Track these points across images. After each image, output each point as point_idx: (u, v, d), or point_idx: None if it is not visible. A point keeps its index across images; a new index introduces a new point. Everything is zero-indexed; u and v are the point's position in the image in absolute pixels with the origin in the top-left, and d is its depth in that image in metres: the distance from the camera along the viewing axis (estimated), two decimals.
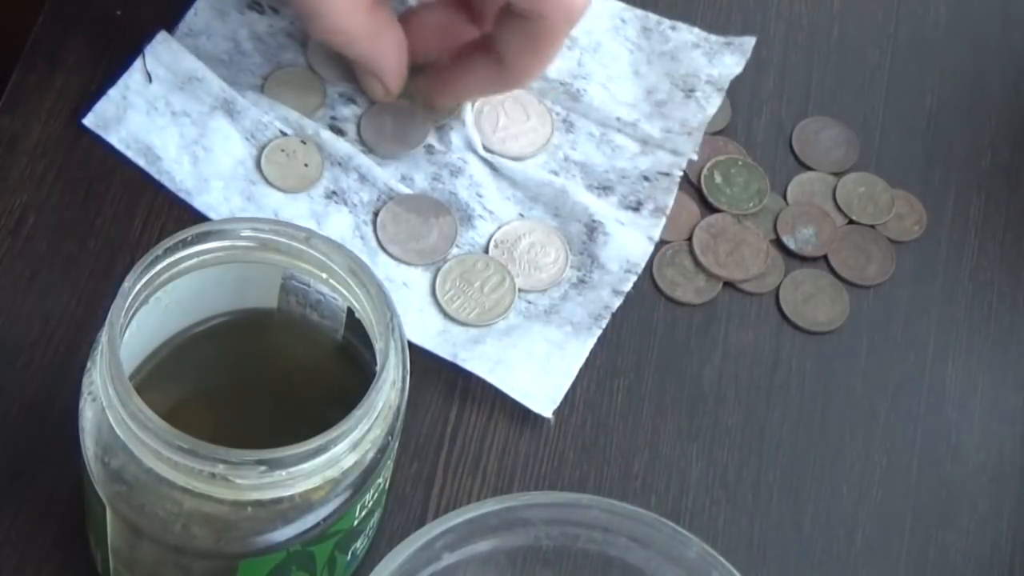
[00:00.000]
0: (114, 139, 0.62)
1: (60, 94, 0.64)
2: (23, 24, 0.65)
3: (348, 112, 0.65)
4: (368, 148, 0.64)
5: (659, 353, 0.62)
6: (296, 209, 0.62)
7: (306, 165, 0.63)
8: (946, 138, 0.69)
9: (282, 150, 0.63)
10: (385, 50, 0.62)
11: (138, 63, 0.63)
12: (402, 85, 0.64)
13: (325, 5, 0.60)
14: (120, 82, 0.63)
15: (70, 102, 0.63)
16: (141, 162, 0.62)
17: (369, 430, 0.49)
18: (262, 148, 0.63)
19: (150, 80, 0.63)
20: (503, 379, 0.60)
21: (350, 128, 0.65)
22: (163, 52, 0.64)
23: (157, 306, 0.51)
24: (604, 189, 0.65)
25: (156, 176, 0.62)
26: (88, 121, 0.63)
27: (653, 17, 0.69)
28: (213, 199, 0.62)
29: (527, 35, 0.60)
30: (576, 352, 0.61)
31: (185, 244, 0.50)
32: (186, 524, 0.48)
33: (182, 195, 0.62)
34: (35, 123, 0.63)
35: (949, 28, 0.72)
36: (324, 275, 0.52)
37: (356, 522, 0.51)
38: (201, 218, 0.61)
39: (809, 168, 0.67)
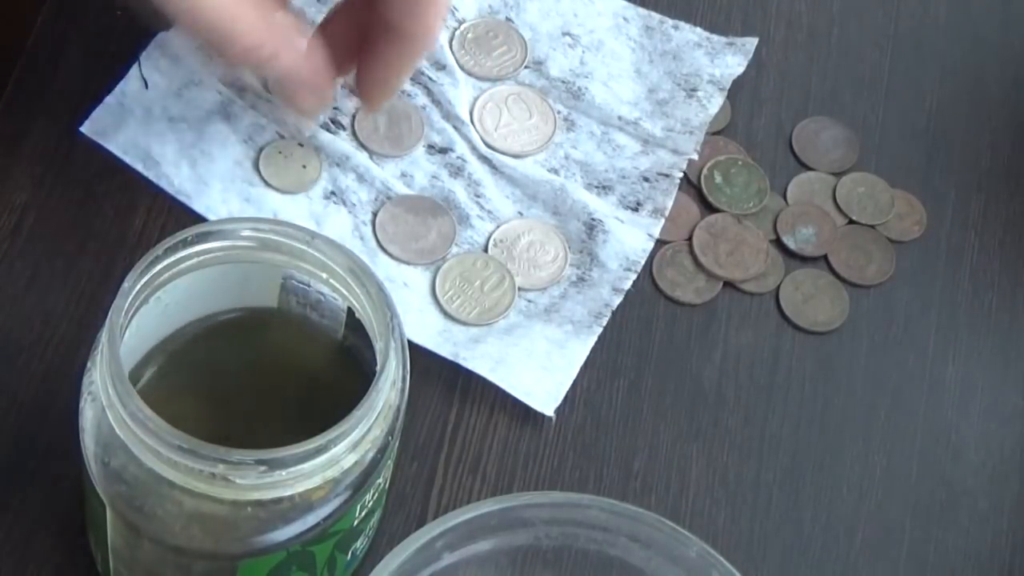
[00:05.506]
0: (112, 146, 0.62)
1: (60, 94, 0.64)
2: (23, 24, 0.65)
3: (350, 104, 0.65)
4: (363, 146, 0.64)
5: (659, 353, 0.62)
6: (295, 210, 0.62)
7: (304, 166, 0.63)
8: (946, 138, 0.69)
9: (280, 152, 0.63)
10: (308, 54, 0.59)
11: (134, 70, 0.63)
12: (332, 90, 0.61)
13: (240, 22, 0.56)
14: (116, 89, 0.63)
15: (71, 102, 0.63)
16: (139, 167, 0.62)
17: (369, 430, 0.49)
18: (260, 150, 0.63)
19: (146, 86, 0.63)
20: (505, 378, 0.60)
21: (349, 122, 0.65)
22: (159, 58, 0.64)
23: (157, 306, 0.51)
24: (603, 189, 0.65)
25: (155, 180, 0.62)
26: (86, 129, 0.62)
27: (656, 16, 0.69)
28: (212, 202, 0.62)
29: None
30: (577, 350, 0.61)
31: (185, 244, 0.50)
32: (186, 524, 0.48)
33: (181, 198, 0.62)
34: (35, 123, 0.63)
35: (949, 28, 0.72)
36: (324, 275, 0.52)
37: (356, 522, 0.51)
38: (201, 218, 0.61)
39: (809, 168, 0.67)
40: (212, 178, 0.62)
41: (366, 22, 0.60)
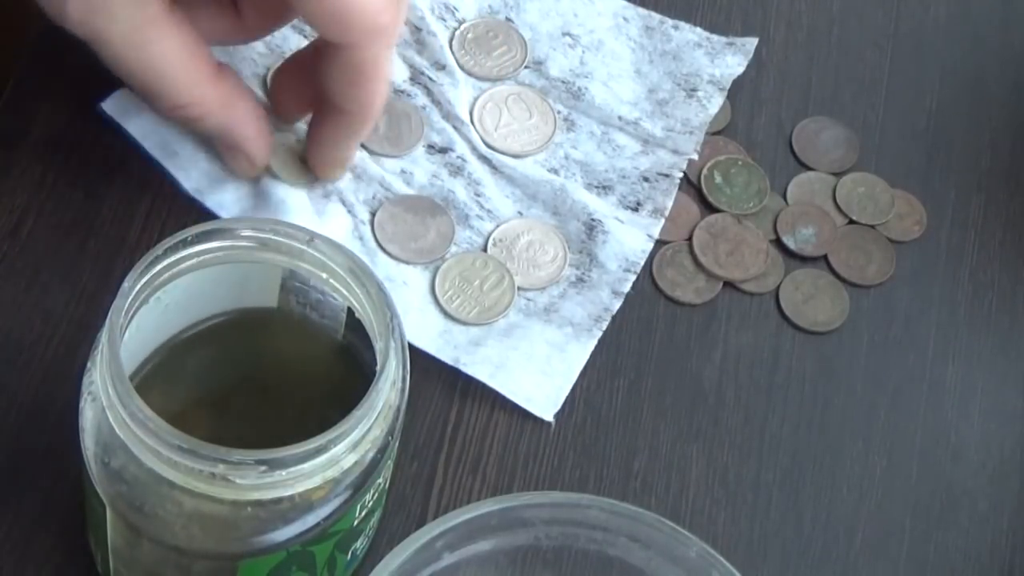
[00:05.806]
0: (132, 128, 0.62)
1: (62, 93, 0.64)
2: (24, 24, 0.65)
3: None
4: (363, 146, 0.64)
5: (659, 353, 0.62)
6: (301, 207, 0.62)
7: (306, 163, 0.63)
8: (946, 138, 0.69)
9: (282, 144, 0.63)
10: (241, 118, 0.59)
11: None
12: (267, 155, 0.61)
13: (167, 79, 0.57)
14: None
15: (71, 101, 0.63)
16: (157, 155, 0.62)
17: (369, 430, 0.49)
18: None
19: None
20: (504, 383, 0.60)
21: None
22: None
23: (157, 306, 0.51)
24: (603, 189, 0.65)
25: (171, 171, 0.62)
26: (107, 106, 0.62)
27: (656, 16, 0.69)
28: (225, 198, 0.62)
29: (345, 68, 0.57)
30: (577, 355, 0.61)
31: (185, 244, 0.50)
32: (186, 524, 0.48)
33: (193, 192, 0.62)
34: (36, 122, 0.63)
35: (949, 28, 0.72)
36: (324, 275, 0.52)
37: (356, 522, 0.51)
38: (202, 217, 0.61)
39: (809, 168, 0.67)
40: (226, 174, 0.62)
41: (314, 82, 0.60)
